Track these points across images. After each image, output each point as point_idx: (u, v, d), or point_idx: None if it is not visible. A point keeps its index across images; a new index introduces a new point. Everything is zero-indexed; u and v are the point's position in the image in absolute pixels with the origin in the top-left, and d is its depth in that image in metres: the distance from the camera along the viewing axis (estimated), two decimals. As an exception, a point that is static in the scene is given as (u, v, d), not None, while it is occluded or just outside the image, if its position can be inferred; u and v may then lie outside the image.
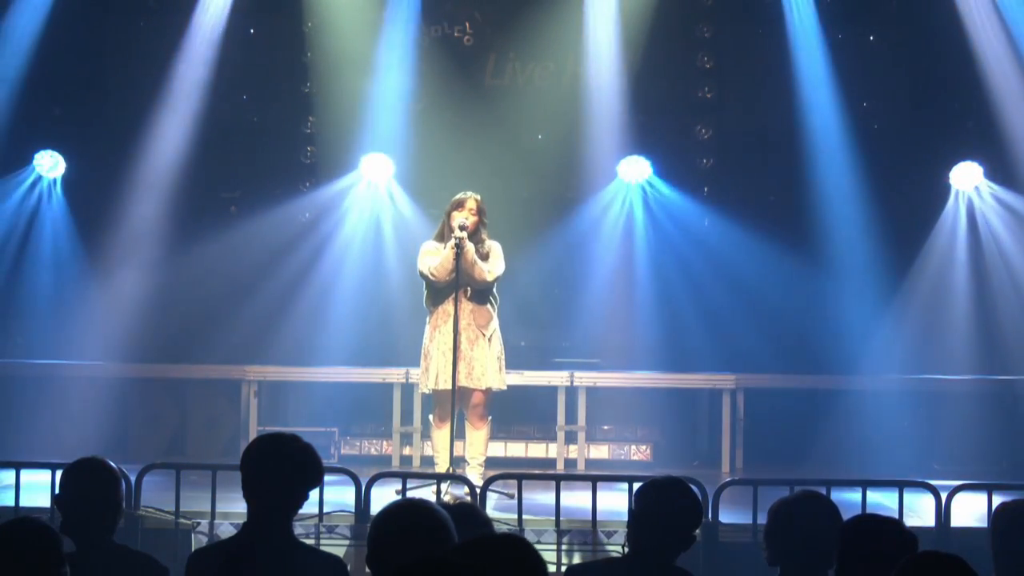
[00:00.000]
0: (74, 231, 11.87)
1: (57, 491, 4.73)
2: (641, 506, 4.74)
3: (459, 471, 8.72)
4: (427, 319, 9.04)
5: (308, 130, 12.06)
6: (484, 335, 8.89)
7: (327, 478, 7.55)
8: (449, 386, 8.74)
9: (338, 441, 11.18)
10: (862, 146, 11.77)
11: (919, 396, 11.35)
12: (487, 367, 8.86)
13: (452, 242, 8.78)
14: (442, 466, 8.82)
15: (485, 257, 8.91)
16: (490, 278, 8.87)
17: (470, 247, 8.75)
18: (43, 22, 11.66)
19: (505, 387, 9.04)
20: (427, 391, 9.08)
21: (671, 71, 11.98)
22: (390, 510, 4.01)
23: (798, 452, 10.79)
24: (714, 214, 12.04)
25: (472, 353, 8.83)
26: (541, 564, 3.36)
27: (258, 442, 4.51)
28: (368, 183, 11.92)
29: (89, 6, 11.86)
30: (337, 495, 7.75)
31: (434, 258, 8.86)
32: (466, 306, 8.86)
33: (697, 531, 4.79)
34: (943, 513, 7.55)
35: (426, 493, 8.02)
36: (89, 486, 4.63)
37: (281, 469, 4.35)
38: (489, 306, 8.98)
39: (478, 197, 8.94)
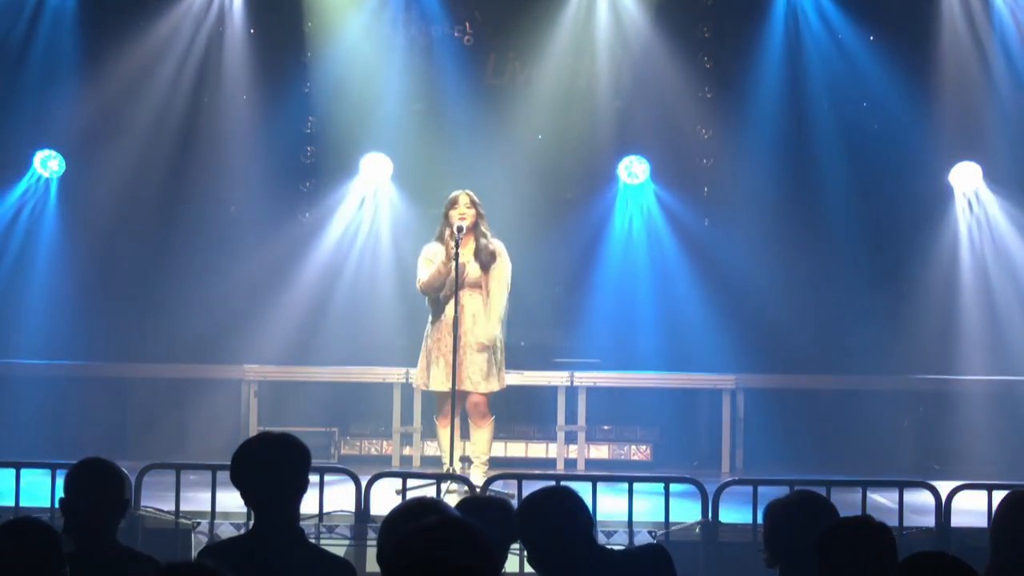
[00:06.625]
0: (73, 231, 11.86)
1: (62, 495, 4.67)
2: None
3: (466, 470, 8.73)
4: (429, 318, 9.05)
5: (308, 130, 12.05)
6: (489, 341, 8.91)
7: (327, 478, 7.61)
8: (447, 388, 8.75)
9: (338, 441, 11.18)
10: (862, 146, 11.77)
11: (919, 396, 11.35)
12: (487, 372, 8.86)
13: (451, 245, 8.78)
14: (445, 464, 8.83)
15: (490, 255, 8.92)
16: (505, 298, 8.92)
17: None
18: (44, 21, 11.71)
19: (503, 387, 9.05)
20: (423, 387, 9.08)
21: (671, 71, 11.97)
22: (402, 509, 4.01)
23: (798, 452, 10.77)
24: (714, 214, 12.04)
25: (472, 358, 8.82)
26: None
27: (240, 454, 4.46)
28: (368, 183, 11.91)
29: (89, 5, 11.85)
30: (337, 495, 7.75)
31: (425, 272, 8.88)
32: (469, 311, 8.86)
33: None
34: (943, 513, 7.55)
35: (426, 493, 8.01)
36: (96, 488, 4.60)
37: (271, 472, 4.32)
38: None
39: (469, 192, 8.96)
